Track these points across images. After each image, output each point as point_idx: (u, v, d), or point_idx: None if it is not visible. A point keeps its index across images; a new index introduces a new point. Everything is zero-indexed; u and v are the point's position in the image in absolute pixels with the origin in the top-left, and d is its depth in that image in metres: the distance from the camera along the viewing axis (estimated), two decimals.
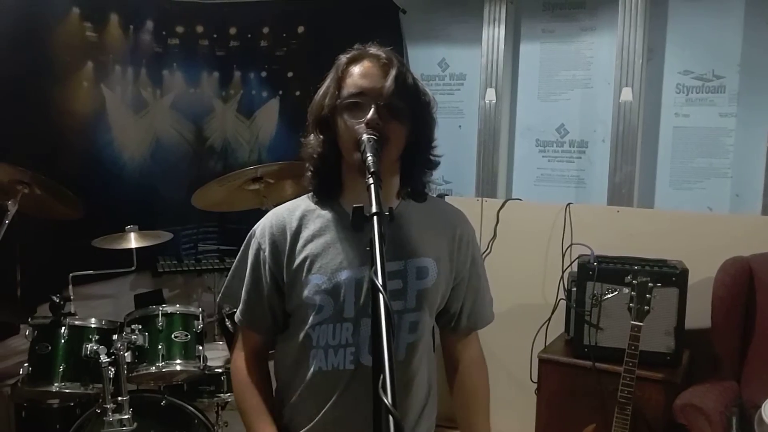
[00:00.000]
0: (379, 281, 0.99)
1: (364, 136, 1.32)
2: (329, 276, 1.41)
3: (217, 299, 1.66)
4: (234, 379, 1.56)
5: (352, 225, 1.14)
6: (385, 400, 0.81)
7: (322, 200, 1.48)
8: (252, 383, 1.52)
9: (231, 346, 2.81)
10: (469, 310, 1.60)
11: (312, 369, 1.44)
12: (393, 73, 1.38)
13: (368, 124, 1.34)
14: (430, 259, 1.47)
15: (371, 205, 1.14)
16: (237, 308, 1.55)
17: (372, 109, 1.35)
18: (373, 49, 1.43)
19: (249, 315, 1.52)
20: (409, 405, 1.51)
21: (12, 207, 2.72)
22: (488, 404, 1.65)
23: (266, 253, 1.47)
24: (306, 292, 1.42)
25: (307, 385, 1.46)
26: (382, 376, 0.85)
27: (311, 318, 1.43)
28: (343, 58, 1.44)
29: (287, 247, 1.45)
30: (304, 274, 1.43)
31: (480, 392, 1.65)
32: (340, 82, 1.41)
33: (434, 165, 1.50)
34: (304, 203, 1.50)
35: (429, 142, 1.48)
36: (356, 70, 1.40)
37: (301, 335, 1.45)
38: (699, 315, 2.77)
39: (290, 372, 1.50)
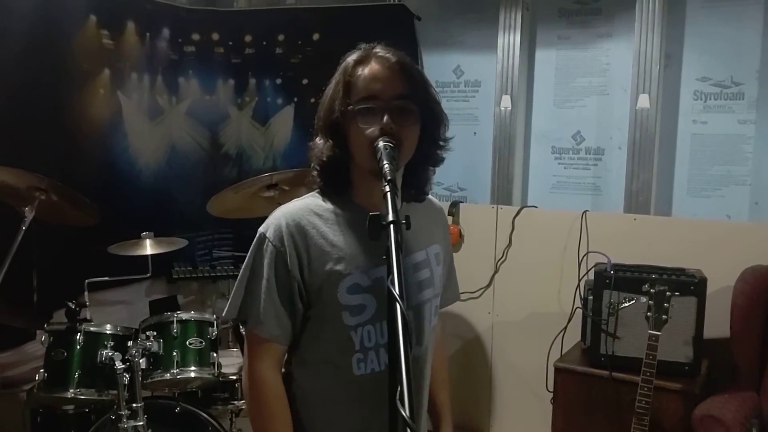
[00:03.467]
0: (396, 290, 0.98)
1: (381, 144, 1.30)
2: (369, 274, 1.38)
3: (223, 314, 1.53)
4: (259, 393, 1.41)
5: (368, 234, 1.12)
6: (403, 413, 0.80)
7: (332, 198, 1.45)
8: (283, 402, 1.41)
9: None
10: (450, 288, 1.67)
11: (359, 375, 1.39)
12: (403, 75, 1.37)
13: (383, 130, 1.32)
14: (438, 245, 1.54)
15: (387, 213, 1.13)
16: (246, 320, 1.43)
17: (386, 116, 1.33)
18: (379, 50, 1.40)
19: (272, 323, 1.40)
20: (425, 387, 1.54)
21: (29, 213, 2.74)
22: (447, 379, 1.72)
23: (286, 255, 1.38)
24: (344, 293, 1.38)
25: (356, 392, 1.40)
26: (399, 388, 0.84)
27: (350, 319, 1.38)
28: (350, 60, 1.41)
29: (310, 248, 1.38)
30: (339, 275, 1.37)
31: (443, 370, 1.71)
32: (348, 85, 1.38)
33: (440, 162, 1.49)
34: (314, 201, 1.45)
35: (438, 139, 1.46)
36: (366, 73, 1.37)
37: (339, 341, 1.39)
38: (718, 324, 2.74)
39: (325, 383, 1.43)
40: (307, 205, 1.44)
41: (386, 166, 1.24)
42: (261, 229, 1.43)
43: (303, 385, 1.46)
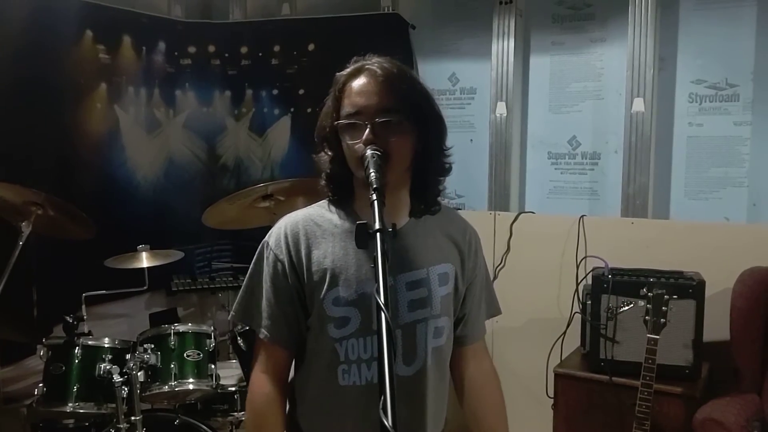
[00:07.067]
0: (381, 299, 0.98)
1: (368, 152, 1.31)
2: (356, 287, 1.38)
3: (229, 316, 1.57)
4: (254, 406, 1.45)
5: (356, 242, 1.13)
6: (385, 422, 0.80)
7: (337, 208, 1.46)
8: (276, 417, 1.43)
9: (244, 365, 2.83)
10: (472, 319, 1.59)
11: (344, 386, 1.40)
12: (390, 88, 1.36)
13: (365, 144, 1.33)
14: (449, 265, 1.49)
15: (374, 222, 1.14)
16: (250, 324, 1.48)
17: (367, 130, 1.34)
18: (370, 63, 1.40)
19: (275, 328, 1.43)
20: (436, 410, 1.50)
21: (26, 228, 2.76)
22: (506, 419, 1.61)
23: (285, 263, 1.42)
24: (329, 305, 1.39)
25: (341, 403, 1.41)
26: (383, 397, 0.84)
27: (335, 332, 1.39)
28: (341, 75, 1.41)
29: (304, 257, 1.41)
30: (326, 286, 1.39)
31: (496, 407, 1.61)
32: (338, 100, 1.40)
33: (446, 171, 1.47)
34: (317, 211, 1.47)
35: (439, 149, 1.45)
36: (353, 87, 1.38)
37: (325, 351, 1.41)
38: (717, 327, 2.72)
39: (318, 391, 1.45)
40: (310, 215, 1.46)
41: (372, 174, 1.25)
42: (266, 237, 1.48)
43: (303, 392, 1.48)
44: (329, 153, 1.43)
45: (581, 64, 3.60)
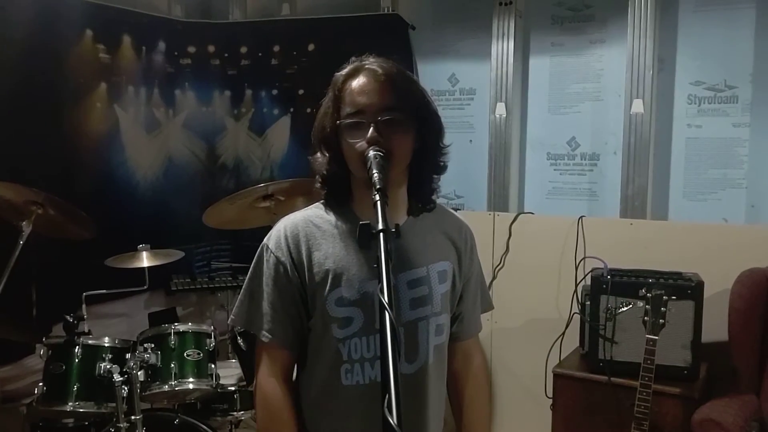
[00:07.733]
0: (385, 299, 0.99)
1: (371, 153, 1.31)
2: (358, 287, 1.39)
3: (228, 320, 1.57)
4: (265, 408, 1.44)
5: (359, 242, 1.13)
6: (391, 421, 0.81)
7: (334, 209, 1.47)
8: (290, 417, 1.44)
9: (244, 365, 2.83)
10: (467, 315, 1.61)
11: (347, 385, 1.40)
12: (391, 87, 1.37)
13: (369, 143, 1.34)
14: (447, 263, 1.50)
15: (377, 222, 1.14)
16: (251, 329, 1.47)
17: (371, 128, 1.35)
18: (369, 63, 1.41)
19: (278, 330, 1.43)
20: (437, 408, 1.51)
21: (26, 228, 2.76)
22: (487, 419, 1.66)
23: (286, 265, 1.42)
24: (332, 305, 1.39)
25: (344, 403, 1.41)
26: (387, 396, 0.85)
27: (338, 332, 1.40)
28: (340, 75, 1.42)
29: (305, 259, 1.41)
30: (328, 287, 1.39)
31: (480, 406, 1.64)
32: (338, 100, 1.40)
33: (442, 169, 1.49)
34: (316, 212, 1.48)
35: (437, 147, 1.46)
36: (353, 87, 1.38)
37: (328, 351, 1.41)
38: (716, 328, 2.73)
39: (320, 391, 1.45)
40: (308, 216, 1.47)
41: (375, 175, 1.26)
42: (264, 240, 1.47)
43: (305, 394, 1.49)
44: (327, 154, 1.43)
45: (581, 65, 3.60)
